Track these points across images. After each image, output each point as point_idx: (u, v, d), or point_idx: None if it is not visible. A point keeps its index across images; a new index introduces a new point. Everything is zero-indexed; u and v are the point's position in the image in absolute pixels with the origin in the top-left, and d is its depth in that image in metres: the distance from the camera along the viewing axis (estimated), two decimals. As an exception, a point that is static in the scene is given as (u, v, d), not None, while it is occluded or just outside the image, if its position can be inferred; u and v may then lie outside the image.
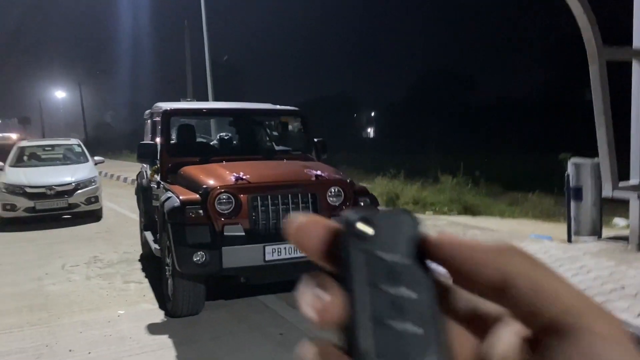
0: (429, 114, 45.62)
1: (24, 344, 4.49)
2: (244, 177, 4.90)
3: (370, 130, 67.60)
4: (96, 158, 11.84)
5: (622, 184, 5.69)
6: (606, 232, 6.86)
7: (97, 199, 10.63)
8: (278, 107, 6.67)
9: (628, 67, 6.19)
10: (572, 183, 6.44)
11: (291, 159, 6.10)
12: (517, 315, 0.27)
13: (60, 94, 64.34)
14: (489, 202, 10.12)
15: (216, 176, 4.99)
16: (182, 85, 24.97)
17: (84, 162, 11.48)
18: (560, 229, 7.22)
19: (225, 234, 4.68)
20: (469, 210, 9.78)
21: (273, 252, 4.68)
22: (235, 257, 4.61)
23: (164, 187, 5.48)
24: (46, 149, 12.08)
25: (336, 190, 5.10)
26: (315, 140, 6.45)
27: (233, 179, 4.87)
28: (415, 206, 10.52)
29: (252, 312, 5.07)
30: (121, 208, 11.96)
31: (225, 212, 4.73)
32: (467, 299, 0.30)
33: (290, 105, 6.85)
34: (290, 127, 7.03)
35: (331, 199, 5.07)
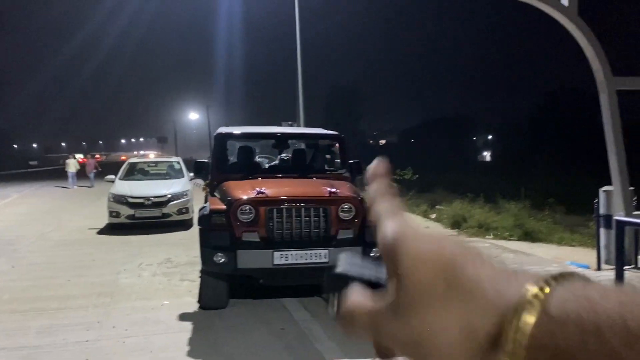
0: (551, 138, 43.47)
1: (82, 319, 5.61)
2: (265, 191, 5.67)
3: (487, 154, 65.76)
4: (191, 174, 13.31)
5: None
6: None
7: (187, 210, 12.02)
8: (317, 131, 7.41)
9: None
10: (601, 211, 6.40)
11: (325, 178, 6.76)
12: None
13: (193, 116, 70.08)
14: (552, 230, 9.96)
15: (242, 190, 5.80)
16: (292, 109, 26.66)
17: (180, 178, 13.03)
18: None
19: (242, 239, 5.47)
20: (529, 236, 9.72)
21: (281, 257, 5.38)
22: (248, 259, 5.38)
23: (207, 199, 6.43)
24: (151, 165, 13.86)
25: (347, 206, 5.69)
26: (351, 162, 7.07)
27: (254, 193, 5.66)
28: (479, 230, 10.64)
29: (269, 311, 5.79)
30: (211, 219, 13.28)
31: (246, 220, 5.52)
32: None
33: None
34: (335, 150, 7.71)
35: (342, 214, 5.67)
